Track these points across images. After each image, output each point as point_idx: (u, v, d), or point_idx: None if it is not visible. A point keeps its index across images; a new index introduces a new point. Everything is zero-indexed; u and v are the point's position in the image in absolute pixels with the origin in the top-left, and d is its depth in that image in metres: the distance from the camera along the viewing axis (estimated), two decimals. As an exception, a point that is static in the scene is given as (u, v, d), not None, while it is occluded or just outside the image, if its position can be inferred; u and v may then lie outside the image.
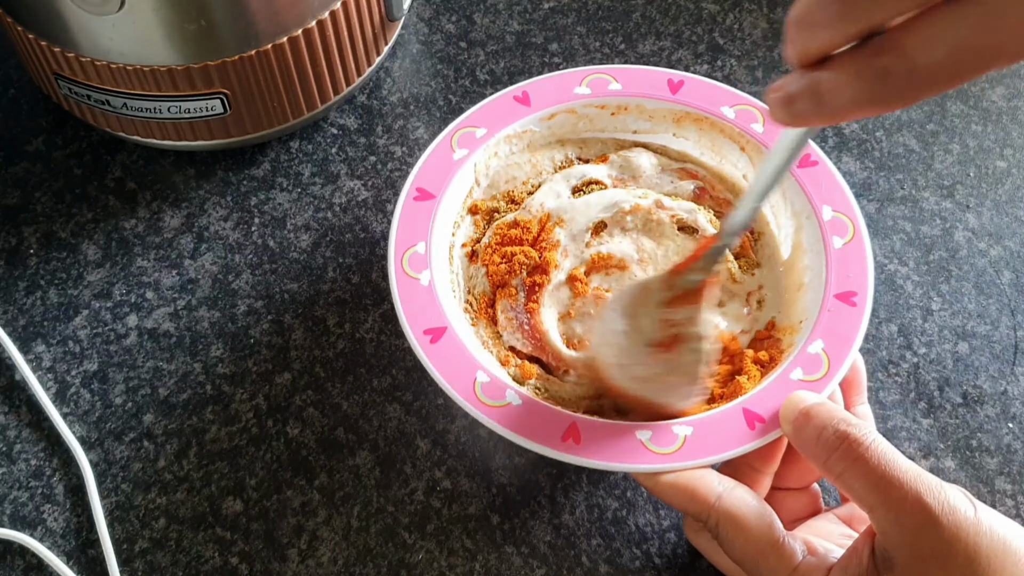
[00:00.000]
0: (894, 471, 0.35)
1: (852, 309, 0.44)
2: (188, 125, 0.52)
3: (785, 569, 0.37)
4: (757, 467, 0.42)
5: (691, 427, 0.41)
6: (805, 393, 0.41)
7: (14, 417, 0.48)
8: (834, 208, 0.47)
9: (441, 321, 0.44)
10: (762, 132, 0.50)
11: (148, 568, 0.44)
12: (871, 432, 0.37)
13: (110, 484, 0.46)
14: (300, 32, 0.50)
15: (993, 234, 0.53)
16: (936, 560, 0.34)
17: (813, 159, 0.49)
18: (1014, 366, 0.49)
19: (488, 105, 0.51)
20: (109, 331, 0.50)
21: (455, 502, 0.45)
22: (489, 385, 0.43)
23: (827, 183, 0.48)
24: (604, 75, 0.52)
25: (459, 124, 0.51)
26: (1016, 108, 0.58)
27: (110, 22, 0.47)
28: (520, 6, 0.62)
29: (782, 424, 0.40)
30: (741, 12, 0.62)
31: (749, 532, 0.38)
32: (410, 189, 0.48)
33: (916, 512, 0.34)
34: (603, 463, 0.40)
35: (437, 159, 0.49)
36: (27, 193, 0.55)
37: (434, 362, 0.43)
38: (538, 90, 0.52)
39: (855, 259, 0.46)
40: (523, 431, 0.41)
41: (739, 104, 0.51)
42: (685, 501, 0.39)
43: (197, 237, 0.53)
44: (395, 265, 0.46)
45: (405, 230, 0.47)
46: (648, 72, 0.52)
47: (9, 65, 0.60)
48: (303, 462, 0.47)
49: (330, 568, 0.44)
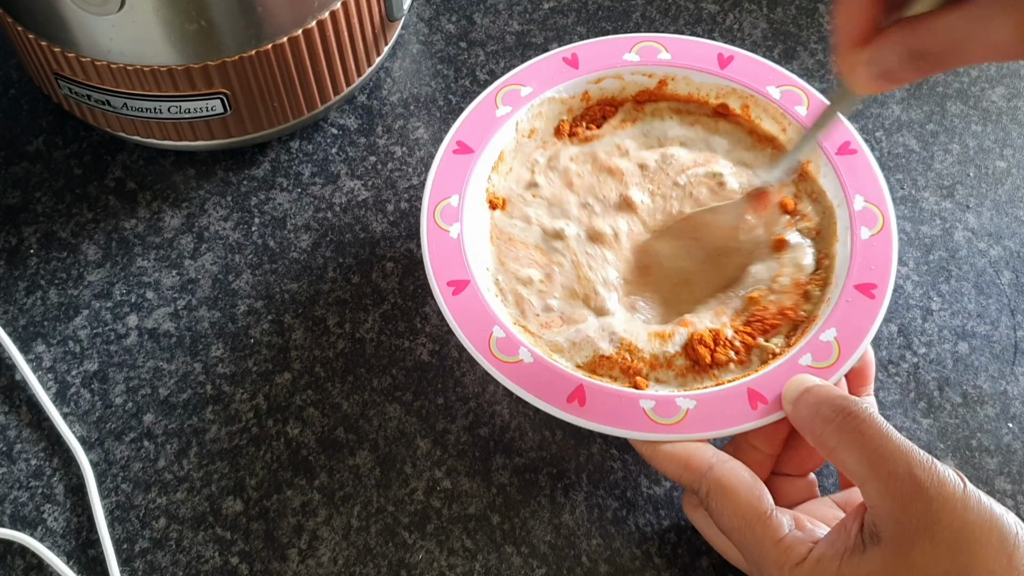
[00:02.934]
0: (886, 445, 0.36)
1: (870, 301, 0.44)
2: (188, 125, 0.52)
3: (771, 540, 0.37)
4: (759, 447, 0.42)
5: (694, 401, 0.42)
6: (808, 376, 0.41)
7: (14, 417, 0.48)
8: (866, 198, 0.47)
9: (465, 274, 0.45)
10: (805, 115, 0.50)
11: (148, 568, 0.44)
12: (866, 408, 0.37)
13: (110, 484, 0.46)
14: (300, 32, 0.50)
15: (993, 234, 0.53)
16: (923, 533, 0.34)
17: (852, 147, 0.48)
18: (1014, 366, 0.49)
19: (536, 64, 0.52)
20: (109, 331, 0.50)
21: (455, 502, 0.45)
22: (504, 341, 0.44)
23: (863, 172, 0.48)
24: (654, 43, 0.52)
25: (505, 81, 0.51)
26: (1016, 108, 0.58)
27: (110, 22, 0.47)
28: (520, 6, 0.62)
29: (784, 404, 0.41)
30: (741, 12, 0.62)
31: (738, 502, 0.38)
32: (450, 142, 0.49)
33: (905, 485, 0.34)
34: (603, 427, 0.41)
35: (480, 114, 0.50)
36: (27, 193, 0.55)
37: (454, 314, 0.44)
38: (588, 53, 0.52)
39: (881, 251, 0.45)
40: (531, 388, 0.42)
41: (785, 85, 0.51)
42: (679, 470, 0.40)
43: (197, 237, 0.53)
44: (427, 215, 0.47)
45: (441, 182, 0.48)
46: (699, 44, 0.52)
47: (9, 65, 0.60)
48: (303, 462, 0.47)
49: (330, 568, 0.44)
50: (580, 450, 0.47)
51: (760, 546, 0.37)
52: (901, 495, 0.34)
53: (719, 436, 0.41)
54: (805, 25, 0.61)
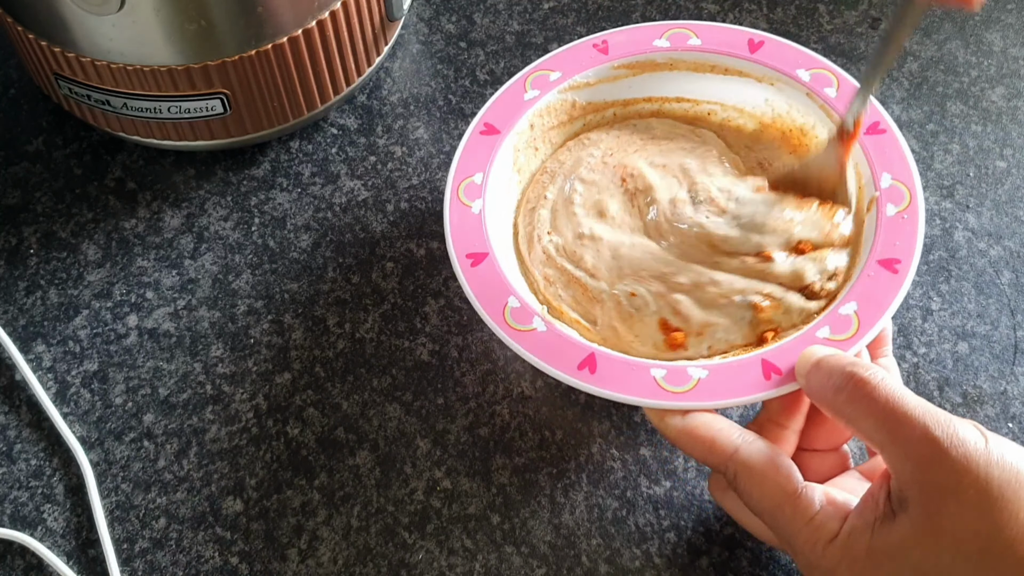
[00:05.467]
0: (902, 407, 0.35)
1: (893, 276, 0.44)
2: (188, 125, 0.52)
3: (802, 519, 0.37)
4: (781, 422, 0.42)
5: (706, 371, 0.42)
6: (818, 347, 0.41)
7: (14, 417, 0.48)
8: (894, 176, 0.47)
9: (484, 247, 0.46)
10: (835, 97, 0.50)
11: (148, 568, 0.44)
12: (878, 371, 0.37)
13: (110, 484, 0.46)
14: (300, 32, 0.50)
15: (993, 234, 0.53)
16: (947, 494, 0.33)
17: (881, 127, 0.48)
18: (1014, 366, 0.49)
19: (567, 51, 0.53)
20: (109, 331, 0.50)
21: (455, 502, 0.45)
22: (519, 310, 0.44)
23: (891, 151, 0.48)
24: (685, 30, 0.53)
25: (537, 66, 0.52)
26: (1016, 108, 0.58)
27: (110, 22, 0.47)
28: (520, 6, 0.62)
29: (797, 376, 0.40)
30: (741, 12, 0.62)
31: (766, 483, 0.38)
32: (478, 123, 0.50)
33: (924, 446, 0.34)
34: (613, 393, 0.42)
35: (509, 97, 0.51)
36: (27, 193, 0.55)
37: (471, 284, 0.45)
38: (618, 40, 0.53)
39: (907, 228, 0.45)
40: (542, 355, 0.43)
41: (815, 68, 0.51)
42: (704, 452, 0.40)
43: (197, 237, 0.53)
44: (451, 190, 0.48)
45: (466, 160, 0.49)
46: (729, 31, 0.52)
47: (9, 65, 0.60)
48: (303, 462, 0.47)
49: (330, 568, 0.44)
50: (580, 450, 0.47)
51: (792, 526, 0.37)
52: (921, 458, 0.34)
53: (731, 405, 0.41)
54: (805, 25, 0.61)
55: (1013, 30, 0.61)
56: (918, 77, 0.59)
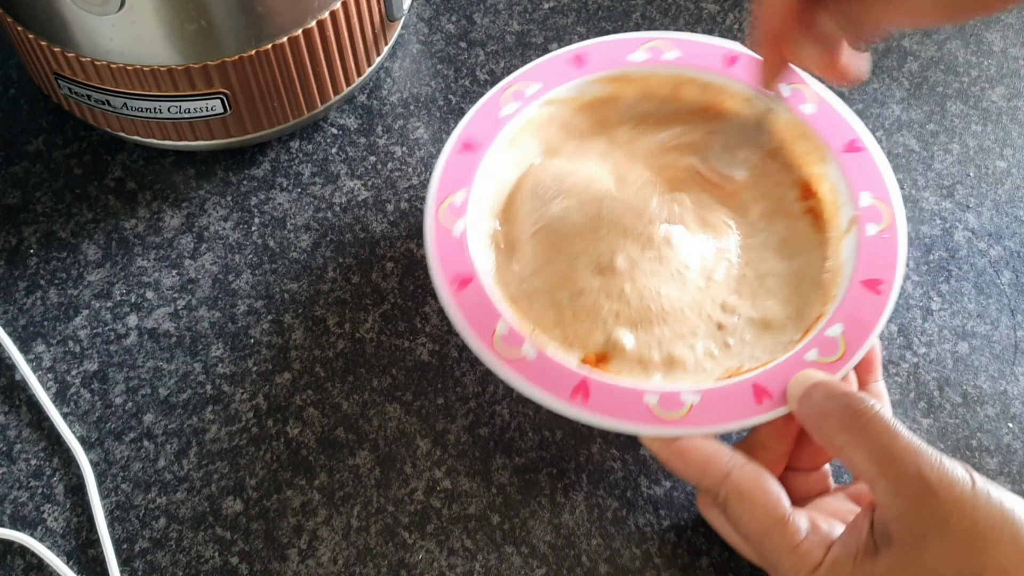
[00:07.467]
0: (895, 444, 0.35)
1: (876, 297, 0.44)
2: (188, 125, 0.52)
3: (788, 546, 0.37)
4: (770, 447, 0.42)
5: (699, 396, 0.42)
6: (814, 371, 0.41)
7: (14, 417, 0.48)
8: (873, 195, 0.47)
9: (469, 270, 0.45)
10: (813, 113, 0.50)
11: (148, 568, 0.44)
12: (874, 406, 0.37)
13: (110, 484, 0.46)
14: (300, 32, 0.50)
15: (993, 234, 0.53)
16: (933, 534, 0.34)
17: (858, 145, 0.48)
18: (1014, 366, 0.49)
19: (542, 64, 0.52)
20: (109, 331, 0.50)
21: (455, 502, 0.45)
22: (507, 336, 0.44)
23: (869, 169, 0.48)
24: (663, 41, 0.52)
25: (513, 79, 0.51)
26: (1016, 108, 0.58)
27: (110, 22, 0.47)
28: (520, 6, 0.62)
29: (789, 400, 0.41)
30: (741, 12, 0.62)
31: (756, 508, 0.38)
32: (455, 142, 0.49)
33: (915, 485, 0.34)
34: (608, 421, 0.41)
35: (485, 113, 0.50)
36: (27, 193, 0.55)
37: (460, 309, 0.44)
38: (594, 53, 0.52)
39: (887, 247, 0.45)
40: (536, 382, 0.42)
41: (795, 83, 0.50)
42: (697, 475, 0.40)
43: (197, 237, 0.53)
44: (432, 213, 0.47)
45: (446, 180, 0.48)
46: (706, 45, 0.52)
47: (9, 65, 0.60)
48: (303, 462, 0.47)
49: (330, 568, 0.44)
50: (580, 450, 0.47)
51: (777, 552, 0.37)
52: (910, 496, 0.34)
53: (724, 431, 0.41)
54: (805, 25, 0.61)
55: (1013, 30, 0.61)
56: (918, 77, 0.59)
